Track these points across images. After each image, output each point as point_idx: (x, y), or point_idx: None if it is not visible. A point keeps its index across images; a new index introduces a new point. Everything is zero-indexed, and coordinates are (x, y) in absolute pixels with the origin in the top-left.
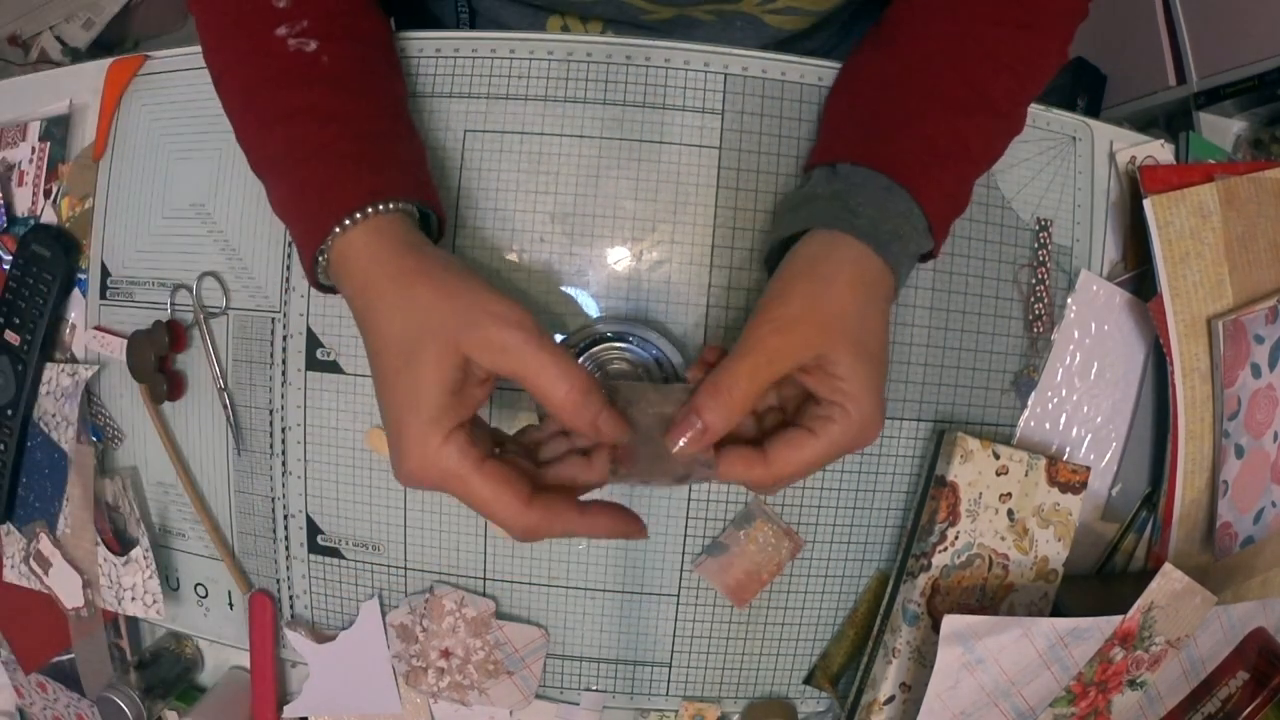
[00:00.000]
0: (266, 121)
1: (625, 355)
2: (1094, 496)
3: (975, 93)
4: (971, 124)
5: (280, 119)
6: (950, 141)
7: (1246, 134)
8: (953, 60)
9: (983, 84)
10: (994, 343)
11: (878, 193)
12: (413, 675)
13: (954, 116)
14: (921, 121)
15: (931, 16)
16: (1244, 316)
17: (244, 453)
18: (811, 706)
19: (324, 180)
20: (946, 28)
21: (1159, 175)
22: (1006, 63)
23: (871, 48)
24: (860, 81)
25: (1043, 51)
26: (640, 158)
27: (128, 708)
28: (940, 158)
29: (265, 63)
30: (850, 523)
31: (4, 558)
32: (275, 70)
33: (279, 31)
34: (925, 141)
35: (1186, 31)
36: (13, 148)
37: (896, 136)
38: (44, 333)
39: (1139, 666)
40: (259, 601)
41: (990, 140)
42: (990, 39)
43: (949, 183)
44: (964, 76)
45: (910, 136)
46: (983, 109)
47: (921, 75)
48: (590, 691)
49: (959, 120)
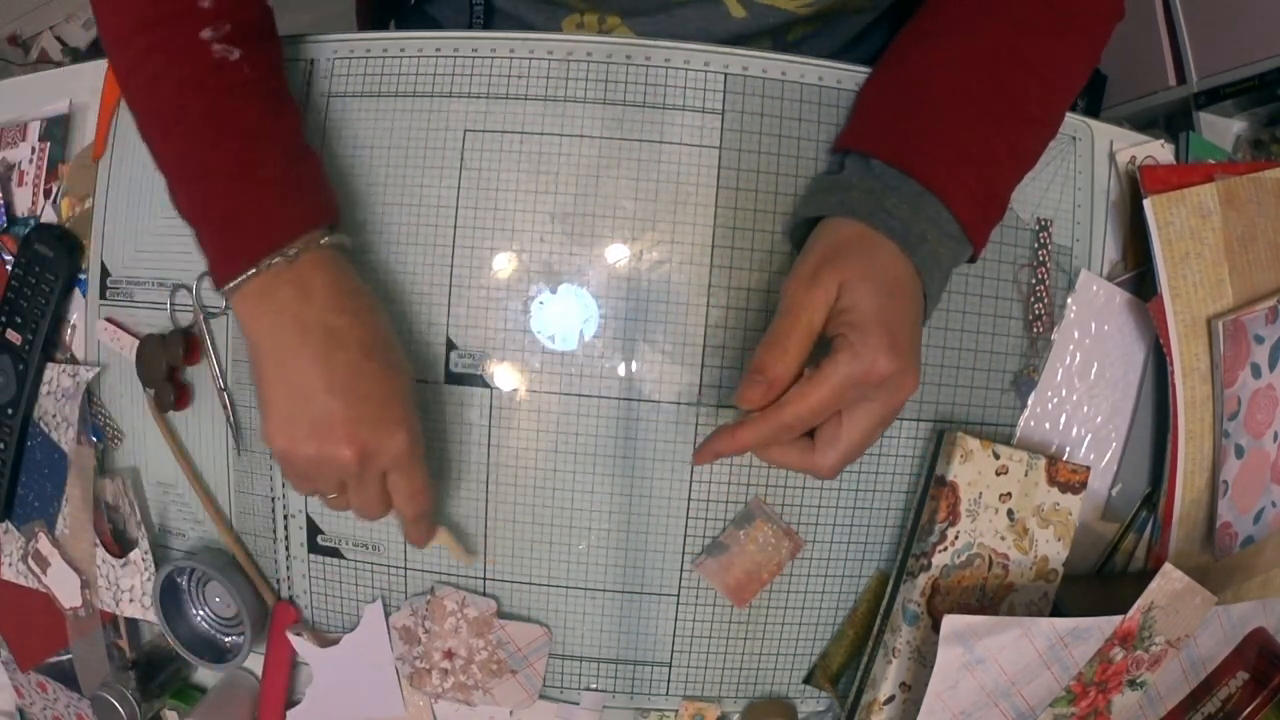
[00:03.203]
0: (190, 125)
1: None
2: (1094, 496)
3: (1006, 99)
4: (1000, 131)
5: (208, 127)
6: (981, 149)
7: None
8: (986, 64)
9: (1014, 90)
10: (994, 343)
11: (910, 197)
12: (417, 677)
13: (985, 123)
14: (954, 126)
15: (970, 16)
16: (1244, 316)
17: (244, 453)
18: (811, 706)
19: (255, 207)
20: (982, 29)
21: (1159, 175)
22: (1038, 69)
23: (911, 39)
24: (897, 71)
25: (1074, 57)
26: (640, 158)
27: (122, 707)
28: (972, 164)
29: (189, 63)
30: (850, 523)
31: (2, 556)
32: (201, 74)
33: (204, 35)
34: (957, 149)
35: (1186, 31)
36: (13, 148)
37: (928, 139)
38: (46, 333)
39: (1139, 666)
40: (283, 611)
41: (1021, 146)
42: (1025, 45)
43: (978, 188)
44: (997, 82)
45: (942, 142)
46: (1013, 115)
47: (955, 76)
48: (590, 691)
49: (989, 127)
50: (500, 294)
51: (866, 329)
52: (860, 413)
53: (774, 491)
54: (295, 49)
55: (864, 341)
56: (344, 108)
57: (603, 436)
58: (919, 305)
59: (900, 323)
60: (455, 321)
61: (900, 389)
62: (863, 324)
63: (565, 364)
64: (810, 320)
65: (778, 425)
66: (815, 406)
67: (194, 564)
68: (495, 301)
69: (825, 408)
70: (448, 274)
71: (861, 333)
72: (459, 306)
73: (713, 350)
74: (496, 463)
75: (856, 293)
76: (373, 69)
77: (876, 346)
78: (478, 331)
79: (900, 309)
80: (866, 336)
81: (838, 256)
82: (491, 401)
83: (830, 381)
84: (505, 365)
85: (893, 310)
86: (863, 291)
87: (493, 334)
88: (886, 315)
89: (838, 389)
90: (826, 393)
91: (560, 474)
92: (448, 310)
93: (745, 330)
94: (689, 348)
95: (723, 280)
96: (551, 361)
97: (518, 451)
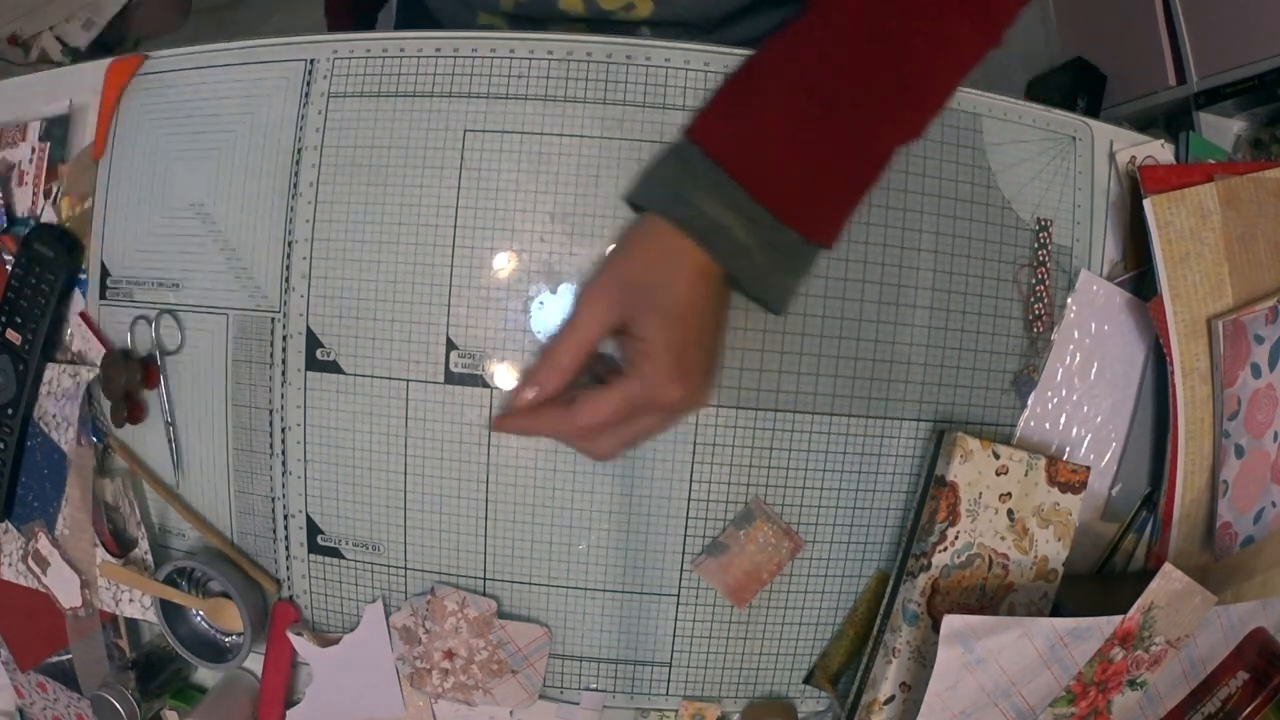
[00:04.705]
0: None
1: None
2: (1094, 496)
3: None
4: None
5: None
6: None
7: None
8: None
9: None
10: (994, 343)
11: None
12: (417, 677)
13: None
14: (773, 109)
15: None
16: (1244, 316)
17: (183, 483)
18: (811, 706)
19: None
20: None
21: (1159, 175)
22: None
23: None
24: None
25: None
26: (640, 158)
27: (122, 707)
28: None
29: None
30: (850, 523)
31: (2, 556)
32: None
33: None
34: (770, 131)
35: (1186, 31)
36: (13, 148)
37: (740, 122)
38: (46, 333)
39: (1139, 666)
40: (283, 611)
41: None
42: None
43: (794, 171)
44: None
45: (754, 125)
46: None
47: (788, 52)
48: (590, 691)
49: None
50: (500, 294)
51: (656, 359)
52: (645, 420)
53: (774, 491)
54: (295, 49)
55: (655, 371)
56: (344, 108)
57: None
58: (716, 308)
59: (689, 346)
60: (455, 321)
61: (688, 407)
62: (653, 354)
63: None
64: (588, 341)
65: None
66: (603, 419)
67: (194, 564)
68: (495, 301)
69: (612, 421)
70: (448, 274)
71: (652, 363)
72: (459, 306)
73: None
74: (496, 463)
75: (645, 326)
76: (373, 69)
77: (667, 377)
78: (478, 331)
79: (690, 331)
80: (657, 366)
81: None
82: (492, 401)
83: (620, 399)
84: (505, 365)
85: (681, 336)
86: (651, 325)
87: (493, 334)
88: (674, 344)
89: (626, 406)
90: (614, 408)
91: (560, 474)
92: (448, 310)
93: (745, 330)
94: None
95: None
96: None
97: (518, 451)
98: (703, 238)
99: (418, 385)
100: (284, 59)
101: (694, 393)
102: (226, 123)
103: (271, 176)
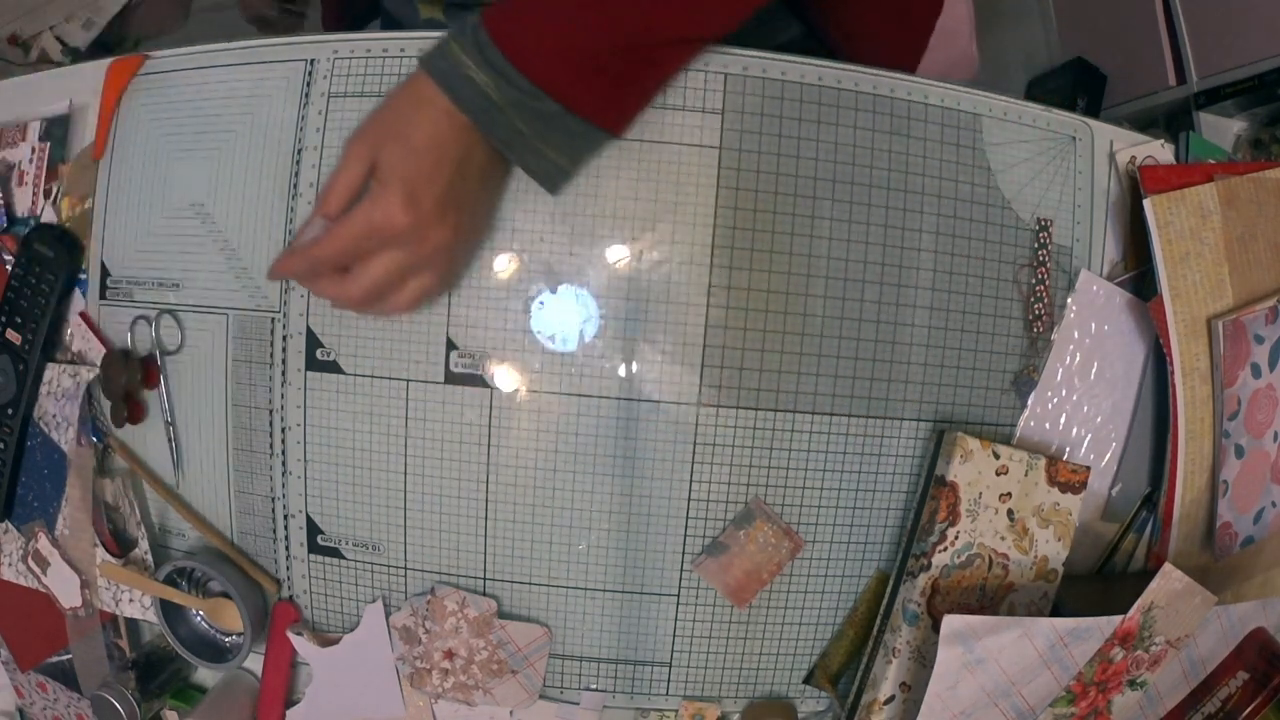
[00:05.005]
0: None
1: None
2: (1094, 496)
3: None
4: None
5: None
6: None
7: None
8: None
9: None
10: (994, 343)
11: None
12: (417, 677)
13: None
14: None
15: None
16: (1244, 316)
17: (183, 482)
18: (811, 706)
19: None
20: None
21: (1159, 175)
22: None
23: None
24: None
25: None
26: (640, 157)
27: (122, 707)
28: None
29: None
30: (850, 523)
31: (2, 556)
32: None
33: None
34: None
35: (1186, 31)
36: (13, 148)
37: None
38: (45, 333)
39: (1139, 666)
40: (283, 611)
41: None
42: None
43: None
44: None
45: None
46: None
47: None
48: (590, 691)
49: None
50: (500, 294)
51: (388, 184)
52: (385, 256)
53: (774, 491)
54: (295, 49)
55: (383, 195)
56: (344, 108)
57: (603, 436)
58: (466, 157)
59: (425, 179)
60: (455, 321)
61: (423, 240)
62: (385, 180)
63: (565, 364)
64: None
65: (313, 259)
66: (340, 246)
67: (194, 564)
68: (495, 301)
69: (349, 248)
70: None
71: (383, 187)
72: (459, 306)
73: (712, 350)
74: (496, 463)
75: (385, 152)
76: (373, 69)
77: (393, 201)
78: (478, 331)
79: (426, 165)
80: (386, 191)
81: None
82: (491, 401)
83: (349, 226)
84: (505, 365)
85: (415, 168)
86: (390, 151)
87: (493, 334)
88: (409, 172)
89: (357, 234)
90: (346, 236)
91: (560, 474)
92: (448, 310)
93: (745, 330)
94: (689, 348)
95: (723, 280)
96: (551, 362)
97: (518, 452)
98: (448, 85)
99: (418, 385)
100: (284, 59)
101: (425, 226)
102: (227, 123)
103: (272, 177)
